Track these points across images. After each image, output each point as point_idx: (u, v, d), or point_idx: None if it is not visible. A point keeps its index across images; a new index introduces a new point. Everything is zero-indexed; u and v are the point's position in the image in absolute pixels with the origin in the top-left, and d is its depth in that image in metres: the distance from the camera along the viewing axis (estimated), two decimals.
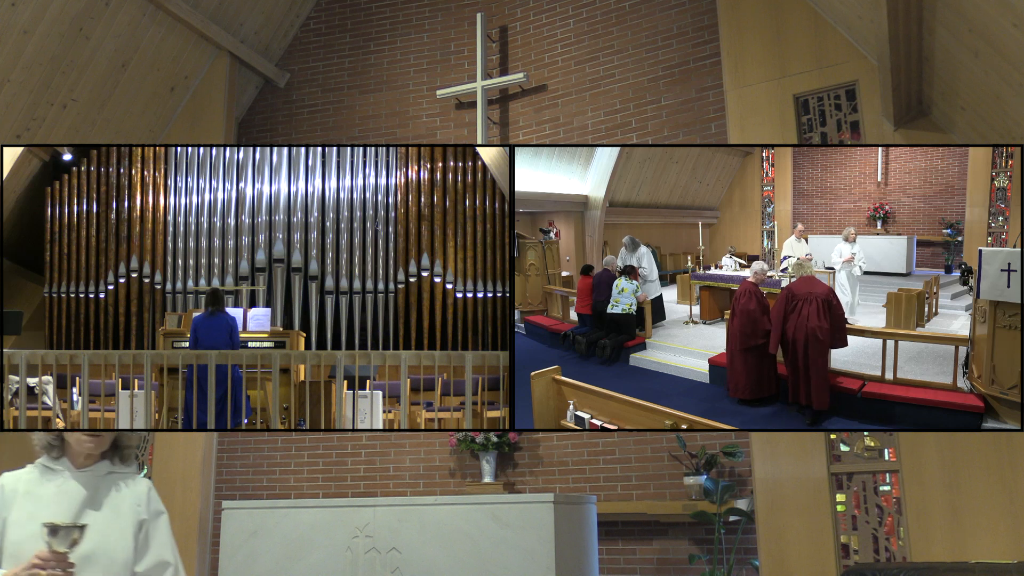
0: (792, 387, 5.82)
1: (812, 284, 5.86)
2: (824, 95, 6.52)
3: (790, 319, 5.74)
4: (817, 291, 5.77)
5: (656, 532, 6.71)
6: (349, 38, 8.89)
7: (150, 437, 7.81)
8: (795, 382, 5.77)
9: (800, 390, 5.73)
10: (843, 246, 9.76)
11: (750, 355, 6.19)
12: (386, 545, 5.49)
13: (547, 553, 5.12)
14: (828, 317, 5.64)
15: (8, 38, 6.97)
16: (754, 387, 6.18)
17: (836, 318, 5.69)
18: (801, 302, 5.73)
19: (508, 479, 7.24)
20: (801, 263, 6.86)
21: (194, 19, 8.01)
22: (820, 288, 5.83)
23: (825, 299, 5.71)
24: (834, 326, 5.66)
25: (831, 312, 5.67)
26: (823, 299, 5.70)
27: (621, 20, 7.84)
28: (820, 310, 5.63)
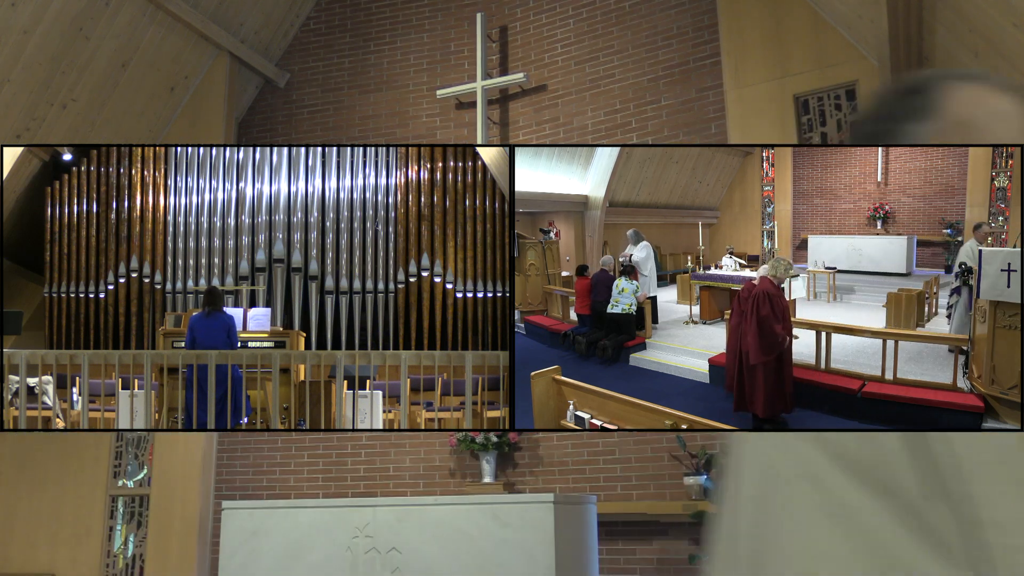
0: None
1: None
2: (824, 95, 6.52)
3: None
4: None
5: (656, 532, 6.71)
6: (349, 38, 8.89)
7: (150, 437, 7.82)
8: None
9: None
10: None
11: (769, 368, 5.75)
12: (386, 545, 5.50)
13: (547, 553, 5.12)
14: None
15: (8, 38, 6.97)
16: (773, 405, 5.69)
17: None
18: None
19: (508, 479, 7.24)
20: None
21: (194, 19, 8.01)
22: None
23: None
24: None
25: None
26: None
27: (621, 20, 7.84)
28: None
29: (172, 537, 7.48)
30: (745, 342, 5.54)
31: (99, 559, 7.64)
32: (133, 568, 7.61)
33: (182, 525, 7.50)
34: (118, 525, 7.75)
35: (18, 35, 7.02)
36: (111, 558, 7.68)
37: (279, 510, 5.82)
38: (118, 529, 7.74)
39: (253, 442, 8.01)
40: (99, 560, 7.64)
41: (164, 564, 7.43)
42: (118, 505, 7.79)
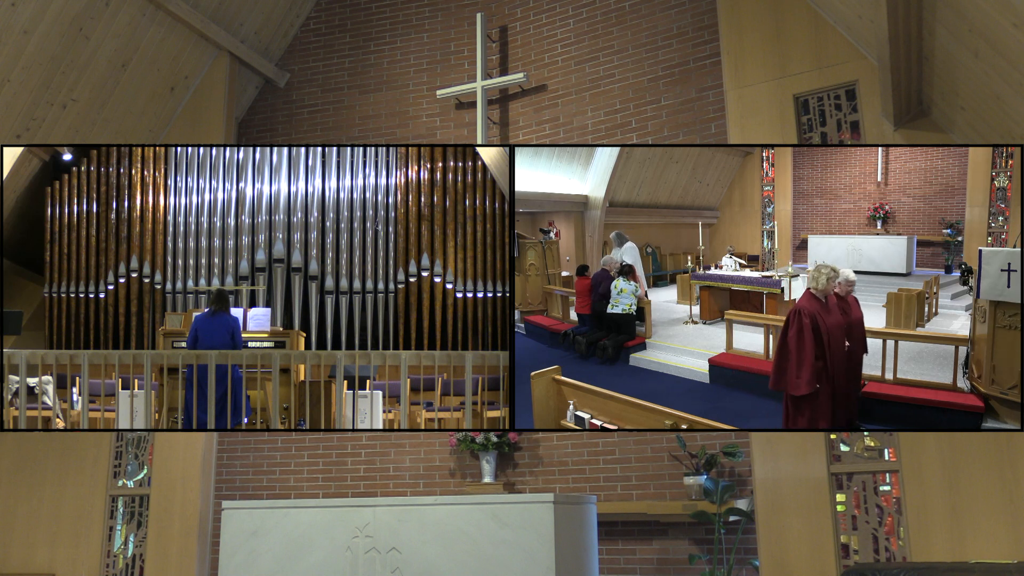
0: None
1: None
2: (824, 95, 6.52)
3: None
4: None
5: (656, 532, 6.71)
6: (349, 38, 8.89)
7: (150, 437, 7.82)
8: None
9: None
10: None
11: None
12: (386, 545, 5.50)
13: (547, 553, 5.12)
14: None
15: (8, 38, 6.97)
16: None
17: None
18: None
19: (508, 479, 7.25)
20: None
21: (194, 19, 8.01)
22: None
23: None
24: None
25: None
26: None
27: (621, 20, 7.84)
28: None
29: (172, 537, 7.48)
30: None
31: (99, 559, 7.64)
32: (133, 568, 7.61)
33: (182, 525, 7.50)
34: (118, 525, 7.75)
35: (18, 35, 7.02)
36: (111, 558, 7.68)
37: (279, 510, 5.82)
38: (118, 529, 7.74)
39: (253, 442, 8.01)
40: (99, 560, 7.64)
41: (164, 564, 7.43)
42: (118, 505, 7.79)
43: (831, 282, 5.03)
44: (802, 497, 5.86)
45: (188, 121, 8.49)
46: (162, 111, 8.40)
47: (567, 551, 5.26)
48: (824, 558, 5.74)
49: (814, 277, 5.06)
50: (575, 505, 5.53)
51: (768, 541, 5.91)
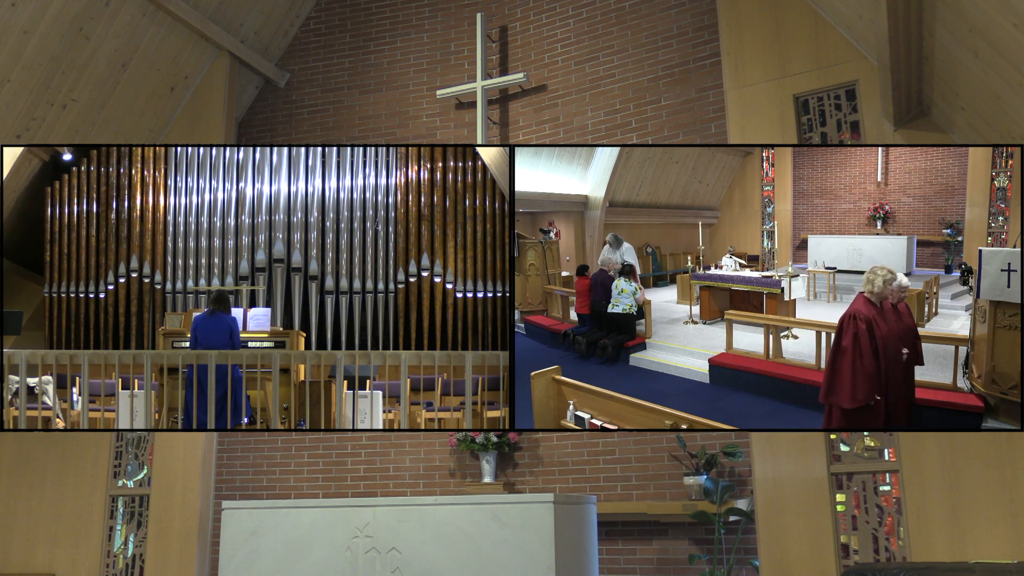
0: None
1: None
2: (824, 95, 6.52)
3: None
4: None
5: (656, 532, 6.71)
6: (349, 38, 8.89)
7: (150, 437, 7.82)
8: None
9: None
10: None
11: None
12: (386, 545, 5.50)
13: (547, 553, 5.12)
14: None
15: (8, 38, 6.97)
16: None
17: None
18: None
19: (508, 479, 7.25)
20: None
21: (194, 19, 8.01)
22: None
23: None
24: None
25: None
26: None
27: (621, 20, 7.84)
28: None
29: (172, 537, 7.48)
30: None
31: (99, 559, 7.65)
32: (133, 568, 7.61)
33: (182, 525, 7.50)
34: (118, 525, 7.75)
35: (18, 35, 7.02)
36: (111, 558, 7.69)
37: (279, 510, 5.82)
38: (118, 529, 7.74)
39: (253, 442, 8.01)
40: (99, 560, 7.64)
41: (164, 564, 7.43)
42: (118, 505, 7.79)
43: (888, 285, 4.67)
44: (802, 497, 5.86)
45: (188, 121, 8.49)
46: (162, 111, 8.40)
47: (567, 551, 5.26)
48: (824, 558, 5.74)
49: (869, 280, 4.71)
50: (575, 505, 5.53)
51: (768, 541, 5.91)
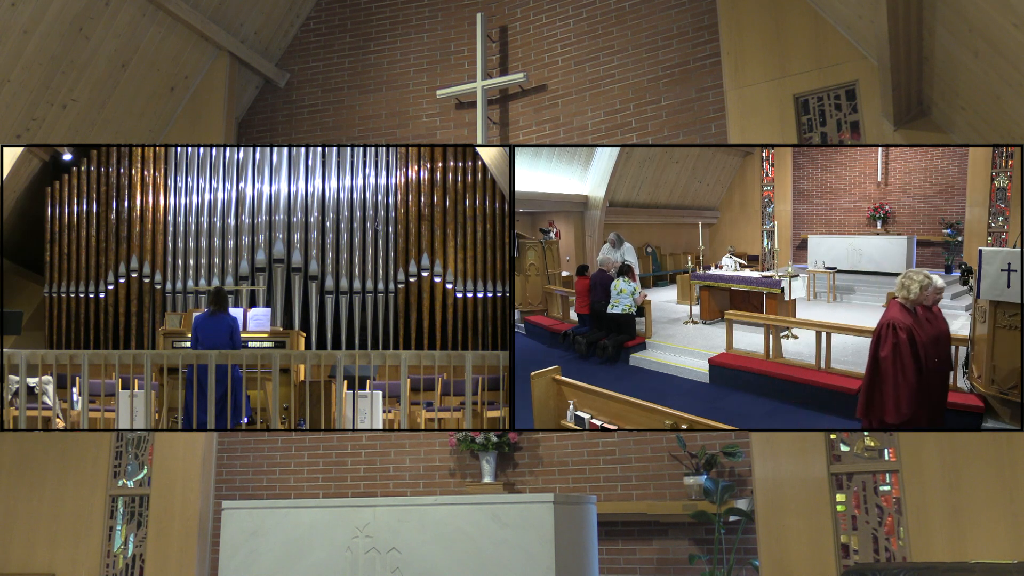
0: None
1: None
2: (824, 95, 6.52)
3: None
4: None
5: (656, 532, 6.71)
6: (349, 38, 8.89)
7: (150, 437, 7.82)
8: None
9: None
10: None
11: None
12: (386, 545, 5.50)
13: (547, 553, 5.12)
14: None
15: (8, 38, 6.97)
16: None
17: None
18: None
19: (508, 479, 7.24)
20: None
21: (194, 19, 8.01)
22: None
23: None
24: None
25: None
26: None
27: (621, 20, 7.84)
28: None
29: (172, 537, 7.48)
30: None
31: (99, 559, 7.65)
32: (133, 568, 7.61)
33: (182, 525, 7.50)
34: (118, 525, 7.75)
35: (18, 35, 7.02)
36: (111, 558, 7.69)
37: (279, 510, 5.82)
38: (118, 529, 7.74)
39: (253, 442, 8.01)
40: (99, 560, 7.64)
41: (164, 564, 7.43)
42: (118, 505, 7.79)
43: (924, 291, 4.36)
44: (802, 497, 5.86)
45: (188, 121, 8.49)
46: (162, 111, 8.40)
47: (567, 551, 5.26)
48: (824, 558, 5.74)
49: (905, 286, 4.41)
50: (575, 505, 5.53)
51: (768, 541, 5.90)
